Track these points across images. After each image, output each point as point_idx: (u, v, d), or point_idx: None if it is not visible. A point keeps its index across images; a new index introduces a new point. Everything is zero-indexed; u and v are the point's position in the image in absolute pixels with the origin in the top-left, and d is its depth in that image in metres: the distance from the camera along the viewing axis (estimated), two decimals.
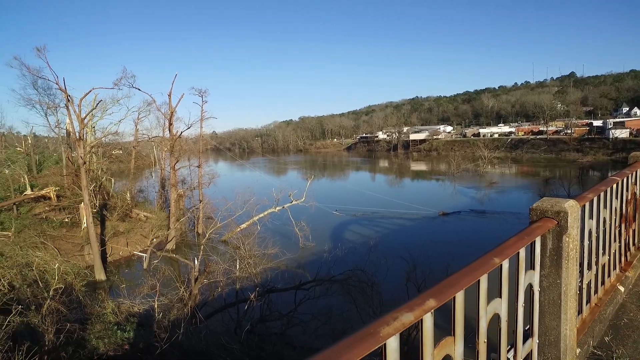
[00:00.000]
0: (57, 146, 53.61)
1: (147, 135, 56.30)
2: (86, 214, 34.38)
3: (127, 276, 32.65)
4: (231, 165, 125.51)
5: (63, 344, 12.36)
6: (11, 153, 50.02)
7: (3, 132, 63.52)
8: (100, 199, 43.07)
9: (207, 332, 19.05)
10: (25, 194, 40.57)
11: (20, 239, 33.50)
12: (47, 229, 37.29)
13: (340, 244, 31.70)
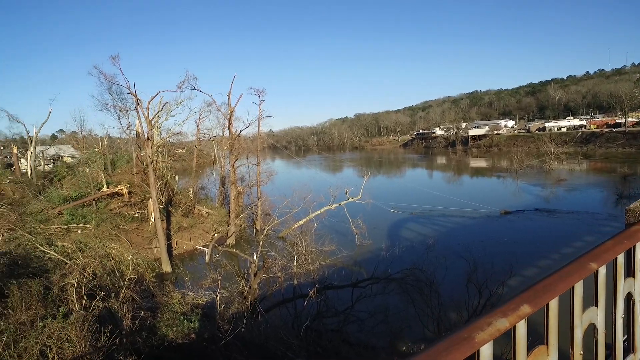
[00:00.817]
0: (128, 146, 57.44)
1: (208, 134, 58.76)
2: (154, 210, 36.59)
3: (190, 269, 34.26)
4: (288, 162, 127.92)
5: (138, 329, 13.33)
6: (91, 153, 54.52)
7: (84, 135, 69.35)
8: (166, 196, 45.59)
9: (266, 326, 19.62)
10: (102, 191, 43.90)
11: (99, 231, 36.28)
12: (121, 223, 40.09)
13: (397, 242, 31.30)
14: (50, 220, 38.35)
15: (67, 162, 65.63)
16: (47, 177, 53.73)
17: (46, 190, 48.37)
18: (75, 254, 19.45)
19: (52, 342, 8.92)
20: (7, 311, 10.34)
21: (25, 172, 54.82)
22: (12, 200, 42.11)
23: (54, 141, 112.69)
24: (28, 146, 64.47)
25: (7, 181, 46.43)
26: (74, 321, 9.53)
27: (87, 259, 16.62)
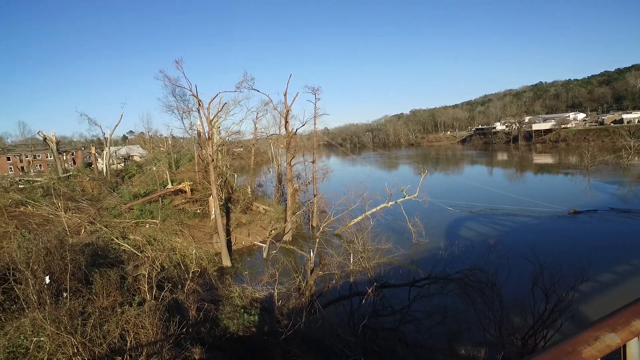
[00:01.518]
0: (190, 145, 60.28)
1: (265, 133, 60.21)
2: (214, 206, 38.14)
3: (248, 264, 35.33)
4: (343, 160, 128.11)
5: (202, 320, 14.03)
6: (157, 153, 57.99)
7: (151, 135, 73.93)
8: (226, 193, 47.37)
9: (322, 322, 19.85)
10: (167, 188, 46.47)
11: (164, 226, 38.44)
12: (184, 218, 42.21)
13: (455, 241, 30.38)
14: (122, 215, 41.25)
15: (136, 161, 70.23)
16: (120, 175, 57.78)
17: (119, 187, 52.06)
18: (145, 247, 20.83)
19: (129, 327, 9.68)
20: (92, 296, 11.35)
21: (101, 171, 59.33)
22: (91, 196, 45.86)
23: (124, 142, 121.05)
24: (104, 147, 69.76)
25: (87, 178, 50.47)
26: (147, 309, 10.27)
27: (156, 252, 17.74)
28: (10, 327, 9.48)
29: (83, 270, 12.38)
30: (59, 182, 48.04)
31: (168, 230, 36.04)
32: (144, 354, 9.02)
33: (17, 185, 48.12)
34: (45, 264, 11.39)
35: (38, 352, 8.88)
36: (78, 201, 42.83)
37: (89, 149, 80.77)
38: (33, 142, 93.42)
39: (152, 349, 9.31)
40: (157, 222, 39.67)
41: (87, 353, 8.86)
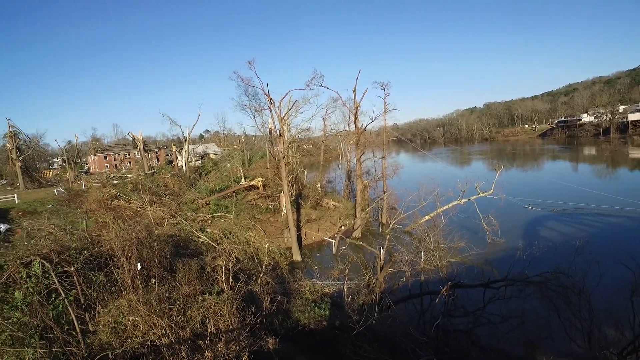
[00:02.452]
0: (262, 143, 62.33)
1: (335, 129, 60.45)
2: (285, 202, 39.14)
3: (317, 259, 35.72)
4: (413, 156, 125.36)
5: (275, 312, 14.48)
6: (231, 150, 60.84)
7: (225, 134, 77.70)
8: (296, 189, 48.43)
9: (393, 320, 19.56)
10: (241, 184, 48.57)
11: (238, 220, 40.17)
12: (256, 213, 43.84)
13: (535, 242, 28.39)
14: (200, 209, 43.79)
15: (212, 159, 74.31)
16: (197, 172, 61.43)
17: (196, 183, 55.39)
18: (222, 240, 21.94)
19: (209, 314, 10.31)
20: (176, 284, 12.24)
21: (181, 168, 63.48)
22: (173, 191, 49.31)
23: (201, 140, 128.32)
24: (183, 145, 74.55)
25: (169, 175, 54.27)
26: (226, 299, 10.84)
27: (231, 245, 18.62)
28: (112, 305, 10.54)
29: (168, 260, 13.36)
30: (145, 178, 52.14)
31: (241, 225, 37.61)
32: (223, 340, 9.52)
33: (111, 181, 53.07)
34: (137, 252, 12.46)
35: (134, 330, 9.76)
36: (161, 196, 46.15)
37: (170, 147, 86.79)
38: (124, 142, 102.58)
39: (230, 336, 9.80)
40: (232, 216, 41.57)
41: (173, 335, 9.56)
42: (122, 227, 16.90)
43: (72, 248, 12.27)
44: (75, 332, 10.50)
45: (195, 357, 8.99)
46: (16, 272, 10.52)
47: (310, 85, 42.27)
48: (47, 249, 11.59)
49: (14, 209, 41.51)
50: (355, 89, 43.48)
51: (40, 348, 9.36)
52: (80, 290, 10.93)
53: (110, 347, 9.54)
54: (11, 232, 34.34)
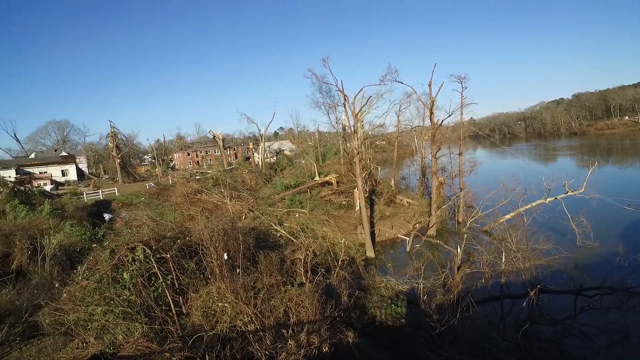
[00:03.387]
0: (335, 140, 62.81)
1: (410, 125, 59.24)
2: (359, 198, 39.11)
3: (390, 256, 35.23)
4: (491, 152, 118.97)
5: (352, 306, 14.56)
6: (305, 147, 62.17)
7: (299, 130, 79.63)
8: (370, 185, 48.17)
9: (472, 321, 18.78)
10: (315, 180, 49.38)
11: (312, 216, 40.93)
12: (330, 209, 44.32)
13: (638, 247, 25.65)
14: (275, 204, 45.25)
15: (286, 155, 76.41)
16: (272, 168, 63.52)
17: (272, 179, 57.30)
18: (299, 234, 22.53)
19: (292, 305, 10.66)
20: (258, 275, 12.83)
21: (257, 164, 66.10)
22: (250, 187, 51.54)
23: (275, 137, 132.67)
24: (259, 142, 77.53)
25: (246, 171, 56.80)
26: (308, 291, 11.14)
27: (308, 239, 19.03)
28: (203, 291, 11.34)
29: (251, 251, 14.02)
30: (224, 174, 55.05)
31: (315, 220, 38.25)
32: (305, 330, 9.79)
33: (194, 176, 56.76)
34: (224, 243, 13.23)
35: (223, 315, 10.41)
36: (239, 191, 48.42)
37: (247, 144, 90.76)
38: (205, 140, 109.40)
39: (312, 327, 10.05)
40: (306, 211, 42.44)
41: (258, 322, 10.03)
42: (209, 218, 17.97)
43: (167, 237, 13.33)
44: (171, 313, 11.42)
45: (279, 345, 9.35)
46: (124, 255, 11.68)
47: (384, 81, 41.67)
48: (147, 236, 12.71)
49: (115, 201, 46.11)
50: (430, 82, 42.13)
51: (145, 324, 10.37)
52: (175, 275, 11.85)
53: (203, 329, 10.24)
54: (113, 221, 38.23)
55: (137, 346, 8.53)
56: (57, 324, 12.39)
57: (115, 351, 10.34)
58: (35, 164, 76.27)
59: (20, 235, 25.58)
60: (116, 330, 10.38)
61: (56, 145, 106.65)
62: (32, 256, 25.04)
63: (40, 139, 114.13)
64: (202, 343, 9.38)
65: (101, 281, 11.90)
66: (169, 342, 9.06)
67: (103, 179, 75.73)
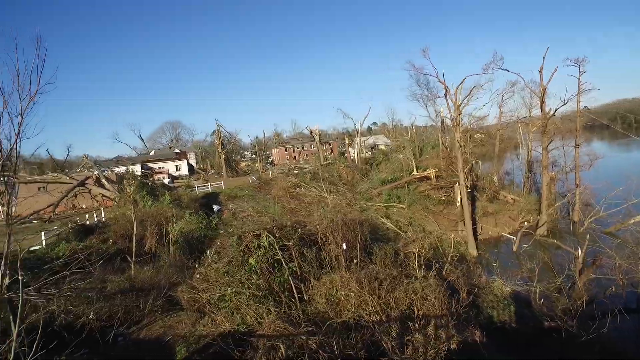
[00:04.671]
0: (433, 133, 60.94)
1: (516, 116, 55.17)
2: (461, 194, 37.51)
3: (494, 255, 33.34)
4: (611, 144, 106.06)
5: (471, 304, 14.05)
6: (402, 141, 61.28)
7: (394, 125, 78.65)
8: (471, 180, 45.93)
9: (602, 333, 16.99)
10: (413, 175, 48.48)
11: (410, 211, 40.32)
12: (429, 204, 43.19)
13: None
14: (372, 199, 45.32)
15: (382, 150, 76.00)
16: (368, 163, 63.60)
17: (368, 173, 57.42)
18: (406, 228, 22.40)
19: (416, 298, 10.64)
20: (374, 266, 13.02)
21: (353, 159, 66.71)
22: (347, 181, 52.26)
23: (369, 132, 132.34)
24: (353, 137, 78.18)
25: (342, 166, 57.67)
26: (433, 284, 11.04)
27: (416, 234, 18.81)
28: (326, 279, 11.86)
29: (368, 243, 14.27)
30: (321, 169, 56.45)
31: (414, 216, 37.62)
32: (432, 324, 9.71)
33: (292, 171, 59.09)
34: (342, 233, 13.66)
35: (346, 304, 10.77)
36: (337, 185, 49.31)
37: (342, 139, 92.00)
38: (301, 136, 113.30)
39: (440, 322, 9.94)
40: (404, 206, 41.89)
41: (383, 313, 10.20)
42: (326, 209, 18.65)
43: (288, 226, 14.12)
44: (293, 299, 12.12)
45: (405, 337, 9.40)
46: (250, 242, 12.65)
47: (488, 70, 39.42)
48: (270, 224, 13.61)
49: (222, 194, 49.87)
50: (541, 69, 38.65)
51: (272, 307, 11.15)
52: (297, 263, 12.53)
53: (327, 316, 10.70)
54: (221, 212, 41.44)
55: (275, 327, 9.17)
56: (192, 301, 13.81)
57: (248, 330, 11.26)
58: (155, 160, 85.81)
59: (151, 222, 28.90)
60: (248, 311, 11.27)
61: (170, 143, 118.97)
62: (159, 240, 28.20)
63: (157, 138, 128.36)
64: (330, 329, 9.77)
65: (230, 264, 13.01)
66: (304, 326, 9.59)
67: (209, 173, 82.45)
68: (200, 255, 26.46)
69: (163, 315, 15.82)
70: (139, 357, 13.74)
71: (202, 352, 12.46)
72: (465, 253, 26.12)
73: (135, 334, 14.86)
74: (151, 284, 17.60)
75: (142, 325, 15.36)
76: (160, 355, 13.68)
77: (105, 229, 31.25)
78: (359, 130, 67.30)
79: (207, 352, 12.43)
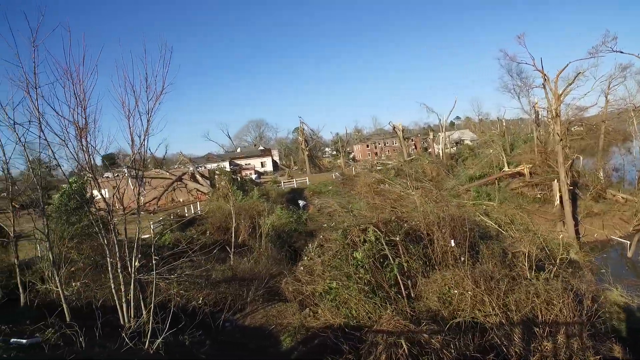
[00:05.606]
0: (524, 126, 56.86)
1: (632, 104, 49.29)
2: (561, 191, 34.49)
3: (599, 260, 30.22)
4: None
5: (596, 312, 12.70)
6: (491, 135, 57.92)
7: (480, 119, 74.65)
8: (571, 177, 42.04)
9: None
10: (504, 171, 45.61)
11: (501, 209, 37.89)
12: (523, 203, 40.27)
13: None
14: (460, 196, 43.37)
15: (468, 145, 72.49)
16: (453, 158, 61.05)
17: (453, 170, 55.10)
18: (508, 227, 21.02)
19: (540, 301, 9.79)
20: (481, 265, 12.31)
21: (437, 154, 64.51)
22: (431, 178, 50.58)
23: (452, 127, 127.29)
24: (435, 133, 75.59)
25: (426, 162, 56.00)
26: (560, 288, 10.09)
27: (520, 233, 17.52)
28: (437, 276, 11.45)
29: (475, 241, 13.54)
30: (405, 165, 55.24)
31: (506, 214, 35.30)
32: (563, 332, 8.84)
33: (375, 167, 58.60)
34: (450, 229, 13.10)
35: (460, 304, 10.26)
36: (422, 181, 47.92)
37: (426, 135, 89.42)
38: (382, 131, 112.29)
39: (571, 330, 9.03)
40: (494, 204, 39.49)
41: (502, 316, 9.53)
42: (431, 205, 18.11)
43: (393, 220, 13.86)
44: (400, 295, 11.84)
45: (532, 343, 8.66)
46: (356, 236, 12.59)
47: (597, 53, 35.65)
48: (376, 219, 13.45)
49: (307, 189, 50.96)
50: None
51: (381, 303, 11.00)
52: (404, 259, 12.22)
53: (440, 315, 10.28)
54: (307, 208, 42.33)
55: (395, 323, 8.95)
56: (296, 293, 14.11)
57: (357, 325, 11.20)
58: (242, 157, 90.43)
59: (243, 215, 30.29)
60: (358, 306, 11.21)
61: (255, 141, 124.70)
62: (251, 233, 29.45)
63: (243, 136, 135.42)
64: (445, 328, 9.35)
65: (334, 258, 13.07)
66: (425, 324, 9.28)
67: (293, 169, 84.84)
68: (290, 249, 27.27)
69: (264, 304, 16.46)
70: (244, 342, 14.40)
71: (307, 343, 12.69)
72: (576, 256, 23.83)
73: (241, 320, 15.61)
74: (252, 275, 18.39)
75: (246, 313, 16.10)
76: (264, 342, 14.22)
77: (202, 221, 33.45)
78: (443, 125, 64.78)
79: (312, 344, 12.63)
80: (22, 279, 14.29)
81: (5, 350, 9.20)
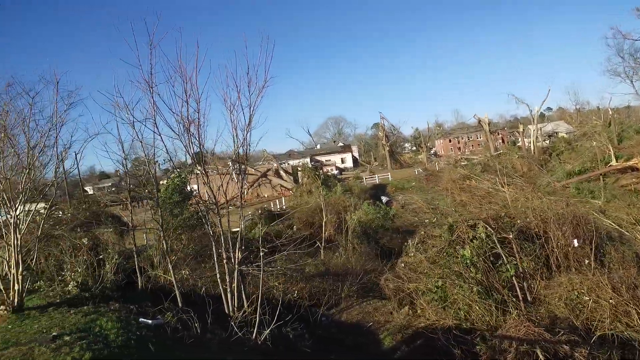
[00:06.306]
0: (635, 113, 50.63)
1: None
2: None
3: None
4: None
5: None
6: (593, 126, 52.37)
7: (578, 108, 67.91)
8: None
9: None
10: (610, 165, 41.00)
11: (608, 208, 34.01)
12: (636, 201, 35.80)
13: None
14: (556, 192, 39.66)
15: (563, 138, 66.35)
16: (547, 152, 56.25)
17: (547, 165, 50.72)
18: (631, 227, 18.66)
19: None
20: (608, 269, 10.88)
21: (527, 148, 59.93)
22: (522, 173, 46.95)
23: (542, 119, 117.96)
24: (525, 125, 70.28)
25: (516, 156, 52.24)
26: None
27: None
28: (562, 279, 10.32)
29: (601, 242, 12.04)
30: (492, 160, 51.92)
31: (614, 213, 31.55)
32: None
33: (460, 162, 55.88)
34: (572, 228, 11.78)
35: (594, 313, 9.09)
36: (512, 177, 44.63)
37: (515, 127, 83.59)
38: (464, 125, 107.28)
39: None
40: (599, 202, 35.56)
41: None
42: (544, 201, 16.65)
43: (504, 216, 12.81)
44: (515, 299, 10.84)
45: None
46: (464, 232, 11.76)
47: None
48: (485, 214, 12.52)
49: (389, 185, 50.09)
50: None
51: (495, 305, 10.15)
52: (518, 258, 11.18)
53: (567, 323, 9.19)
54: (390, 204, 41.47)
55: (526, 329, 8.11)
56: (396, 290, 13.61)
57: (469, 327, 10.45)
58: (322, 153, 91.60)
59: (329, 210, 30.30)
60: (471, 307, 10.45)
61: (334, 138, 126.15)
62: (337, 228, 29.35)
63: (322, 132, 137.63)
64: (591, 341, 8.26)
65: (440, 255, 12.36)
66: (562, 333, 8.32)
67: (373, 165, 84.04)
68: (377, 245, 26.74)
69: (359, 300, 16.17)
70: (341, 338, 14.20)
71: (409, 343, 12.14)
72: None
73: (336, 315, 15.46)
74: (344, 270, 18.22)
75: (341, 309, 15.92)
76: (361, 339, 13.91)
77: (287, 216, 34.09)
78: (535, 117, 59.89)
79: (415, 344, 12.06)
80: (139, 264, 15.51)
81: (138, 328, 9.91)
